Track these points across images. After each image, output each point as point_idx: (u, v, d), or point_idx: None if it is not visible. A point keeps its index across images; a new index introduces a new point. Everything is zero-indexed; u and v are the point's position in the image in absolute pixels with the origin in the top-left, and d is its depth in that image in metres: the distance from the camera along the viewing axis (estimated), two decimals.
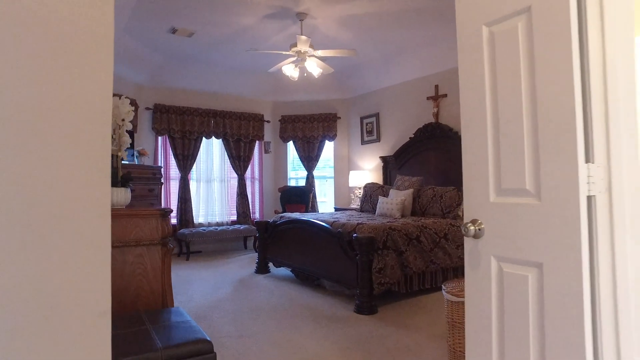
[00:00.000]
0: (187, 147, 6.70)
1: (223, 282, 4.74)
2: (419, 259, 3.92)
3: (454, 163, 5.45)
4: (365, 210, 5.87)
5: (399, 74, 6.34)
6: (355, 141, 7.38)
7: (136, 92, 6.29)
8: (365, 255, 3.54)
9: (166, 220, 2.63)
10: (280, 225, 4.87)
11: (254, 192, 7.55)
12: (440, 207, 4.76)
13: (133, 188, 2.54)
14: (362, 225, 3.88)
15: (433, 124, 5.72)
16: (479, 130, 1.42)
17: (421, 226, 4.12)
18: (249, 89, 7.25)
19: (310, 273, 4.33)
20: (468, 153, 1.48)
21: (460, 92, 1.51)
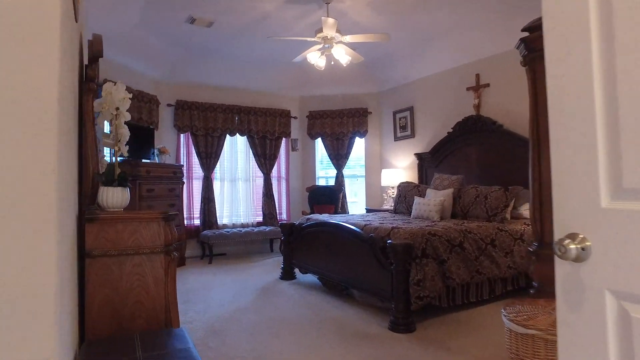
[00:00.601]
0: (210, 144, 6.42)
1: (244, 289, 4.40)
2: (462, 268, 3.43)
3: (499, 159, 4.89)
4: (399, 211, 5.40)
5: (435, 63, 5.82)
6: (387, 137, 6.90)
7: (156, 88, 6.06)
8: (401, 265, 3.09)
9: (170, 225, 2.29)
10: (307, 229, 4.48)
11: (281, 192, 7.21)
12: (485, 209, 4.23)
13: (131, 187, 2.21)
14: (398, 229, 3.43)
15: (474, 116, 5.18)
16: (580, 100, 0.96)
17: (465, 231, 3.62)
18: (274, 84, 6.90)
19: (338, 281, 3.92)
20: (559, 133, 1.01)
21: (546, 41, 1.03)
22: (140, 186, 4.90)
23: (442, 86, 5.84)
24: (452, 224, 3.82)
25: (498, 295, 3.82)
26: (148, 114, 5.72)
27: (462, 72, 5.54)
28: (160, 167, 5.28)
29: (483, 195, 4.32)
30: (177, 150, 6.27)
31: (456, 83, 5.62)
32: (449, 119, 5.71)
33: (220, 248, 6.48)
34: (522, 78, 5.01)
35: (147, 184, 5.00)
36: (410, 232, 3.34)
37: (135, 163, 4.85)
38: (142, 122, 5.56)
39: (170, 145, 6.17)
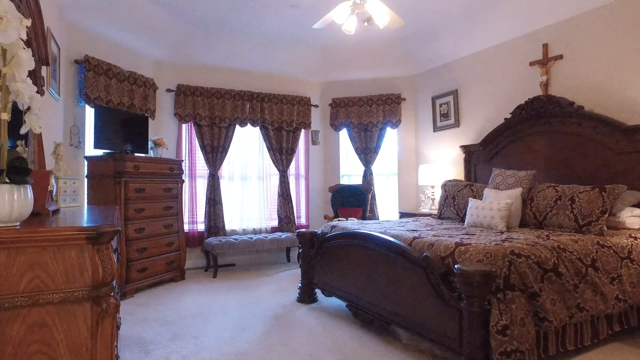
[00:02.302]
0: (216, 137, 5.50)
1: (251, 316, 3.43)
2: (559, 303, 2.37)
3: (577, 151, 3.78)
4: (446, 217, 4.34)
5: (487, 36, 4.74)
6: (425, 128, 5.83)
7: (155, 70, 5.17)
8: (478, 302, 2.06)
9: (104, 250, 1.32)
10: (332, 240, 3.49)
11: (299, 192, 6.23)
12: (573, 216, 3.15)
13: (32, 182, 1.26)
14: (466, 247, 2.39)
15: (541, 97, 4.08)
16: None
17: (557, 248, 2.56)
18: (292, 66, 5.93)
19: (375, 313, 2.91)
20: None
21: None
22: (127, 185, 3.99)
23: (497, 63, 4.75)
24: (534, 237, 2.76)
25: (602, 340, 2.74)
26: (142, 100, 4.83)
27: (523, 44, 4.44)
28: (153, 161, 4.36)
29: (568, 197, 3.23)
30: (177, 143, 5.36)
31: (516, 58, 4.52)
32: (505, 102, 4.62)
33: (228, 258, 5.54)
34: (609, 42, 3.72)
35: (135, 182, 4.09)
36: (484, 251, 2.30)
37: (120, 157, 3.95)
38: (134, 109, 4.67)
39: (170, 137, 5.27)
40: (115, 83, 4.42)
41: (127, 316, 3.40)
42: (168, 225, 4.50)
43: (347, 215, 5.66)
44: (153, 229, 4.30)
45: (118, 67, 4.47)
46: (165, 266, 4.45)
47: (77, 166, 4.07)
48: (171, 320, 3.34)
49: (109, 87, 4.34)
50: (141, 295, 4.06)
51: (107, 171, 3.96)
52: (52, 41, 3.23)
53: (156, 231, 4.34)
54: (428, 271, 2.39)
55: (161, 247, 4.40)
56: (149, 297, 4.01)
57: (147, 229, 4.22)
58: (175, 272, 4.62)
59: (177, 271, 4.64)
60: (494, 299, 2.12)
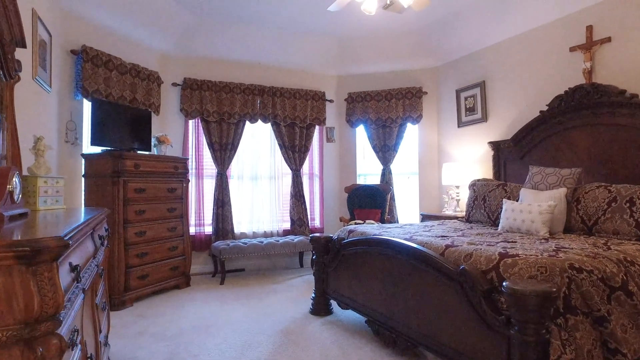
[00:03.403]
0: (225, 133, 5.16)
1: (260, 331, 3.07)
2: (630, 330, 1.94)
3: (629, 147, 3.32)
4: (475, 220, 3.92)
5: (519, 20, 4.29)
6: (449, 123, 5.40)
7: (160, 63, 4.86)
8: (534, 329, 1.65)
9: (43, 272, 0.96)
10: (350, 247, 3.10)
11: (313, 192, 5.86)
12: (632, 221, 2.70)
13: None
14: (513, 259, 1.98)
15: (584, 86, 3.62)
16: None
17: (623, 261, 2.13)
18: (306, 59, 5.56)
19: (400, 332, 2.51)
20: None
21: None
22: (126, 185, 3.68)
23: (530, 50, 4.30)
24: (591, 247, 2.33)
25: None
26: (146, 94, 4.52)
27: (562, 27, 3.99)
28: (155, 159, 4.04)
29: (625, 199, 2.78)
30: (184, 140, 5.04)
31: (553, 43, 4.07)
32: (540, 94, 4.17)
33: (237, 263, 5.20)
34: None
35: (135, 181, 3.78)
36: (537, 265, 1.89)
37: (118, 154, 3.63)
38: (136, 104, 4.36)
39: (176, 134, 4.96)
40: (116, 76, 4.12)
41: (122, 329, 3.07)
42: (172, 228, 4.18)
43: (364, 218, 5.27)
44: (155, 232, 3.98)
45: (119, 58, 4.17)
46: (168, 272, 4.13)
47: (73, 165, 3.77)
48: (170, 334, 3.00)
49: (109, 80, 4.04)
50: (141, 304, 3.74)
51: (105, 170, 3.65)
52: (39, 25, 2.92)
53: (158, 234, 4.02)
54: (466, 288, 1.99)
55: (164, 251, 4.08)
56: (149, 306, 3.68)
57: (149, 233, 3.90)
58: (180, 278, 4.29)
59: (181, 277, 4.31)
60: (553, 326, 1.71)
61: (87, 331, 1.44)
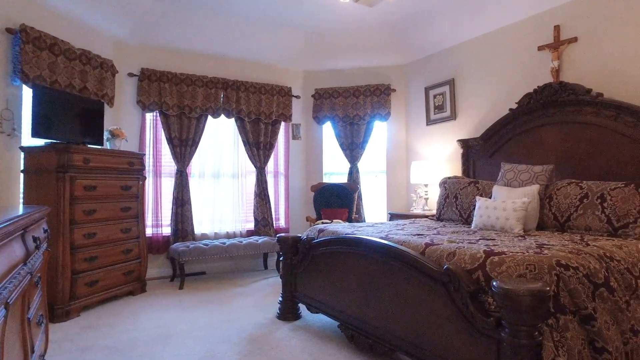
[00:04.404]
0: (186, 128, 4.85)
1: (223, 339, 2.83)
2: (612, 327, 1.88)
3: (595, 145, 3.36)
4: (446, 218, 3.85)
5: (489, 19, 4.29)
6: (418, 121, 5.35)
7: (115, 51, 4.49)
8: (527, 332, 1.54)
9: None
10: (320, 246, 2.93)
11: (278, 191, 5.65)
12: (604, 217, 2.69)
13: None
14: (500, 257, 1.87)
15: (553, 85, 3.64)
16: None
17: (604, 257, 2.08)
18: (272, 52, 5.34)
19: (377, 337, 2.36)
20: None
21: None
22: (73, 181, 3.32)
23: (500, 49, 4.31)
24: (570, 243, 2.28)
25: None
26: (98, 83, 4.15)
27: (531, 26, 4.01)
28: (108, 154, 3.70)
29: (596, 195, 2.78)
30: (141, 135, 4.69)
31: (522, 42, 4.09)
32: (510, 92, 4.17)
33: (197, 266, 4.90)
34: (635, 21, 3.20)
35: (84, 178, 3.43)
36: (525, 263, 1.79)
37: (65, 147, 3.27)
38: (87, 94, 3.99)
39: (131, 128, 4.60)
40: (63, 61, 3.73)
41: (66, 344, 2.74)
42: (126, 230, 3.84)
43: (331, 217, 5.12)
44: (107, 234, 3.63)
45: (67, 43, 3.79)
46: (122, 277, 3.78)
47: (9, 158, 3.36)
48: (123, 347, 2.70)
49: (54, 66, 3.65)
50: (90, 313, 3.39)
51: (49, 164, 3.28)
52: None
53: (111, 236, 3.68)
54: (450, 288, 1.86)
55: (117, 255, 3.74)
56: (99, 316, 3.34)
57: (100, 234, 3.55)
58: (135, 283, 3.96)
59: (136, 283, 3.97)
60: (545, 327, 1.61)
61: (12, 353, 1.17)
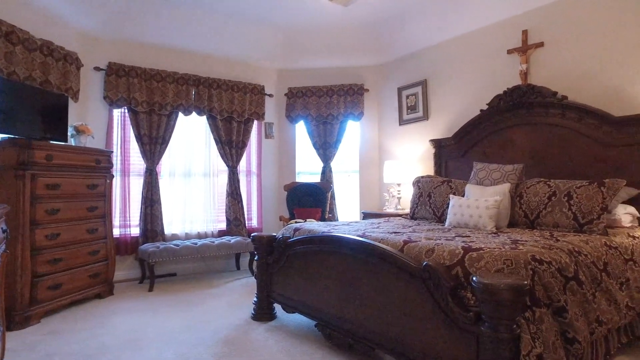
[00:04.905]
0: (156, 126, 4.71)
1: (197, 341, 2.75)
2: (581, 318, 1.95)
3: (564, 144, 3.49)
4: (420, 216, 3.90)
5: (461, 22, 4.39)
6: (390, 121, 5.41)
7: (81, 43, 4.30)
8: (507, 325, 1.57)
9: None
10: (296, 246, 2.90)
11: (250, 191, 5.57)
12: (571, 214, 2.80)
13: None
14: (478, 252, 1.91)
15: (521, 87, 3.77)
16: None
17: (573, 251, 2.16)
18: (246, 50, 5.27)
19: (356, 335, 2.36)
20: None
21: None
22: (35, 179, 3.15)
23: (471, 51, 4.41)
24: (541, 239, 2.35)
25: (612, 355, 2.40)
26: (61, 77, 3.96)
27: (501, 31, 4.13)
28: (73, 151, 3.53)
29: (563, 193, 2.88)
30: (108, 131, 4.51)
31: (492, 45, 4.20)
32: (481, 93, 4.28)
33: (168, 267, 4.76)
34: (595, 28, 3.35)
35: (47, 176, 3.25)
36: (503, 258, 1.83)
37: (25, 143, 3.10)
38: (49, 87, 3.80)
39: (98, 124, 4.41)
40: (21, 51, 3.54)
41: (25, 353, 2.58)
42: (92, 230, 3.68)
43: (304, 217, 5.09)
44: (72, 235, 3.47)
45: (26, 32, 3.59)
46: (88, 280, 3.62)
47: None
48: (91, 353, 2.57)
49: (11, 56, 3.45)
50: (53, 319, 3.22)
51: (8, 161, 3.09)
52: None
53: (76, 237, 3.51)
54: (430, 285, 1.88)
55: (83, 256, 3.57)
56: (64, 321, 3.18)
57: (64, 235, 3.38)
58: (102, 286, 3.80)
59: (103, 285, 3.81)
60: (522, 320, 1.65)
61: None
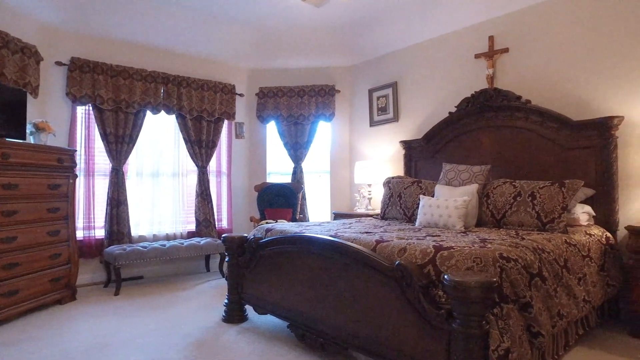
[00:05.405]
0: (122, 124, 4.56)
1: (168, 345, 2.68)
2: (544, 312, 2.04)
3: (528, 146, 3.64)
4: (390, 217, 3.96)
5: (431, 26, 4.49)
6: (361, 122, 5.47)
7: (41, 36, 4.11)
8: (477, 321, 1.62)
9: None
10: (268, 246, 2.88)
11: (220, 191, 5.49)
12: (534, 213, 2.92)
13: None
14: (449, 251, 1.96)
15: (488, 90, 3.89)
16: None
17: (537, 249, 2.25)
18: (217, 48, 5.18)
19: (329, 336, 2.36)
20: None
21: None
22: None
23: (441, 55, 4.52)
24: (508, 237, 2.44)
25: (571, 346, 2.53)
26: (19, 71, 3.77)
27: (469, 36, 4.25)
28: (33, 149, 3.37)
29: (528, 193, 3.00)
30: (71, 129, 4.33)
31: (461, 50, 4.32)
32: (450, 96, 4.39)
33: (135, 270, 4.62)
34: (557, 36, 3.52)
35: (3, 175, 3.09)
36: (472, 256, 1.89)
37: None
38: (4, 81, 3.61)
39: (60, 121, 4.23)
40: None
41: None
42: (53, 232, 3.52)
43: (275, 217, 5.07)
44: (31, 238, 3.30)
45: None
46: (48, 285, 3.46)
47: None
48: None
49: None
50: (9, 327, 3.05)
51: None
52: None
53: (36, 240, 3.35)
54: (403, 284, 1.91)
55: (43, 260, 3.41)
56: (21, 329, 3.02)
57: (22, 238, 3.22)
58: (63, 291, 3.64)
59: (65, 290, 3.66)
60: (491, 316, 1.70)
61: None
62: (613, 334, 2.86)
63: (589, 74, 3.40)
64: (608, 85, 3.29)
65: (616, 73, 3.25)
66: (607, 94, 3.30)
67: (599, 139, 3.20)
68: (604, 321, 3.03)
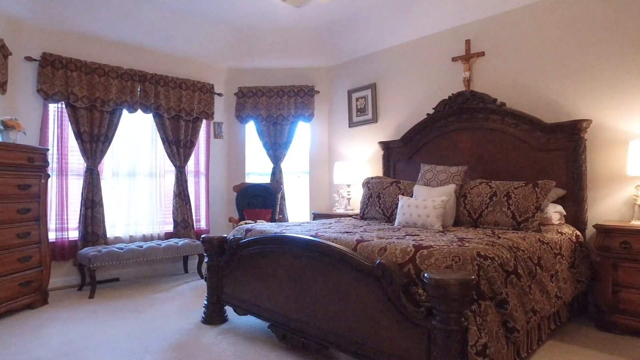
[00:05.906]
0: (97, 123, 4.45)
1: (145, 348, 2.64)
2: (519, 308, 2.11)
3: (503, 147, 3.74)
4: (370, 217, 4.00)
5: (410, 28, 4.56)
6: (340, 123, 5.50)
7: (8, 29, 3.97)
8: (456, 318, 1.66)
9: None
10: (248, 247, 2.86)
11: (199, 192, 5.42)
12: (509, 213, 3.00)
13: None
14: (429, 250, 1.99)
15: (465, 93, 3.99)
16: None
17: (513, 248, 2.32)
18: (196, 47, 5.12)
19: (311, 335, 2.37)
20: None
21: None
22: None
23: (419, 57, 4.60)
24: (485, 236, 2.50)
25: (544, 340, 2.61)
26: None
27: (446, 39, 4.34)
28: (1, 148, 3.25)
29: (503, 194, 3.09)
30: (43, 128, 4.19)
31: (438, 53, 4.40)
32: (427, 98, 4.47)
33: (110, 272, 4.52)
34: (530, 42, 3.66)
35: None
36: (451, 255, 1.93)
37: None
38: None
39: (31, 119, 4.09)
40: None
41: None
42: (24, 234, 3.41)
43: (254, 218, 5.05)
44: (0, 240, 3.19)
45: None
46: (18, 289, 3.34)
47: None
48: None
49: None
50: None
51: None
52: None
53: (5, 242, 3.23)
54: (383, 282, 1.94)
55: (12, 263, 3.29)
56: None
57: None
58: (34, 295, 3.52)
59: (36, 294, 3.54)
60: (469, 313, 1.75)
61: None
62: (582, 327, 2.98)
63: (561, 78, 3.52)
64: (578, 89, 3.42)
65: (586, 78, 3.38)
66: (577, 98, 3.43)
67: (569, 142, 3.33)
68: (574, 316, 3.15)
